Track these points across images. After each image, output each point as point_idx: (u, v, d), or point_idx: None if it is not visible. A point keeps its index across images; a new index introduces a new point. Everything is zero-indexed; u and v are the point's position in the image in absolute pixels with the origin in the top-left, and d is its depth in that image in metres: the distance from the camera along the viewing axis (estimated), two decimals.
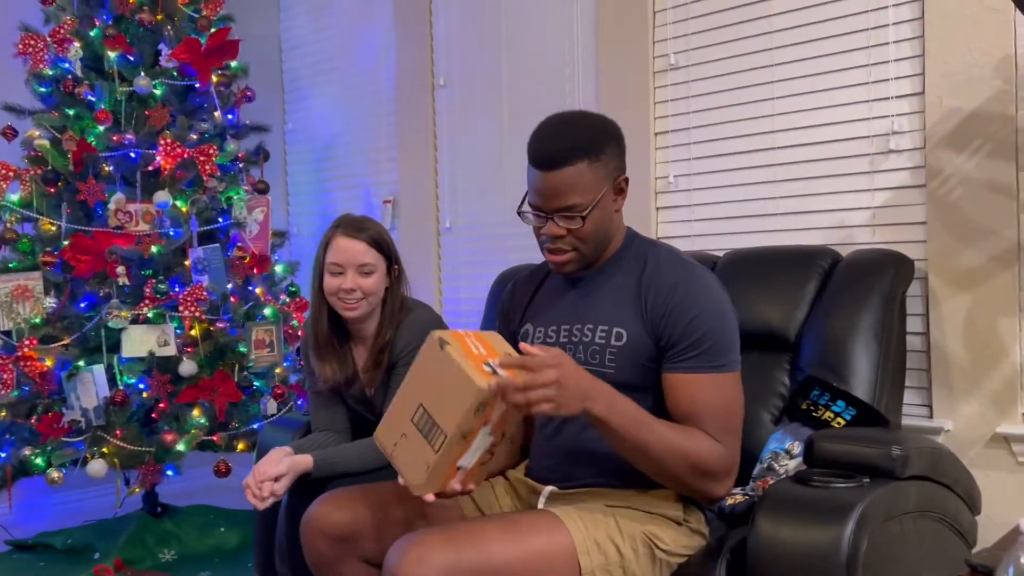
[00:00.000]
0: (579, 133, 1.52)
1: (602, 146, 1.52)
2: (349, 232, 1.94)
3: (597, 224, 1.53)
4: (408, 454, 1.39)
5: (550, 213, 1.52)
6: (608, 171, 1.53)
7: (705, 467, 1.45)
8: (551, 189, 1.50)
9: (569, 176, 1.49)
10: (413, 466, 1.38)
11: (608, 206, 1.55)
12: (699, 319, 1.48)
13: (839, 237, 2.22)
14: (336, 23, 3.68)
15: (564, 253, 1.55)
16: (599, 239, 1.56)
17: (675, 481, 1.48)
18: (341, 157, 3.68)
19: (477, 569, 1.32)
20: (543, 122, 1.57)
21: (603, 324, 1.55)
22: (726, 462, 1.48)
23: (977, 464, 1.94)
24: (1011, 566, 0.85)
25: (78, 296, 2.86)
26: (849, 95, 2.21)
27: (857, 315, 1.90)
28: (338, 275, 1.93)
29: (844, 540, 1.31)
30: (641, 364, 1.52)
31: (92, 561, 2.93)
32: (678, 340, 1.48)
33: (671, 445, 1.43)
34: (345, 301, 1.93)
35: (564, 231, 1.52)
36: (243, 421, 2.96)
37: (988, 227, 1.97)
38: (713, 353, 1.48)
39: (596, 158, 1.50)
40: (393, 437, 1.42)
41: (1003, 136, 1.95)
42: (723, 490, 1.50)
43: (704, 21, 2.48)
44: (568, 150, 1.49)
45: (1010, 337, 1.95)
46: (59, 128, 2.94)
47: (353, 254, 1.92)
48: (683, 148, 2.55)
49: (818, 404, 1.81)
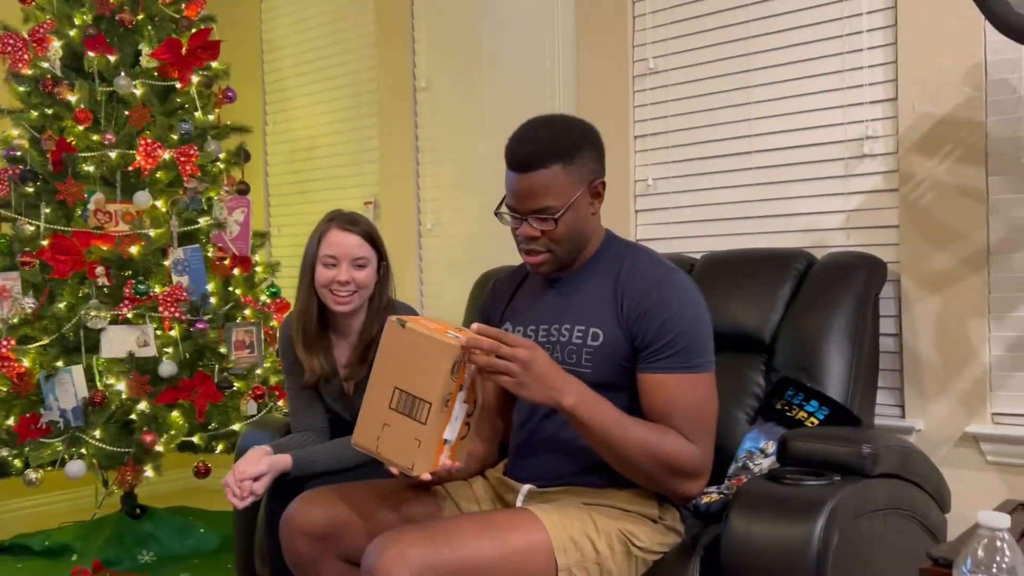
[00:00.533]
0: (555, 137, 1.54)
1: (577, 150, 1.54)
2: (343, 225, 1.96)
3: (571, 226, 1.55)
4: (394, 441, 1.42)
5: (524, 215, 1.55)
6: (583, 175, 1.55)
7: (677, 466, 1.47)
8: (525, 191, 1.53)
9: (543, 178, 1.51)
10: (403, 449, 1.41)
11: (583, 209, 1.57)
12: (673, 320, 1.50)
13: (814, 240, 2.25)
14: (318, 25, 3.68)
15: (539, 254, 1.58)
16: (573, 241, 1.58)
17: (648, 479, 1.50)
18: (322, 159, 3.69)
19: (455, 566, 1.33)
20: (522, 125, 1.59)
21: (580, 324, 1.57)
22: (698, 462, 1.50)
23: (947, 463, 1.98)
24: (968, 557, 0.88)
25: (57, 296, 2.85)
26: (824, 100, 2.25)
27: (831, 317, 1.93)
28: (332, 267, 1.94)
29: (815, 536, 1.34)
30: (618, 364, 1.54)
31: (70, 562, 2.91)
32: (652, 340, 1.51)
33: (643, 443, 1.45)
34: (338, 294, 1.94)
35: (538, 232, 1.55)
36: (223, 422, 2.96)
37: (958, 230, 2.01)
38: (687, 354, 1.50)
39: (571, 161, 1.52)
40: (374, 432, 1.45)
41: (973, 141, 1.99)
42: (695, 489, 1.52)
43: (683, 26, 2.52)
44: (542, 153, 1.51)
45: (979, 339, 1.99)
46: (38, 128, 2.93)
47: (348, 247, 1.94)
48: (662, 151, 2.57)
49: (792, 404, 1.84)
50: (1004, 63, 1.95)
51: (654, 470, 1.47)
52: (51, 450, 2.70)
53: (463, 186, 3.14)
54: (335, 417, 2.09)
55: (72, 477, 2.70)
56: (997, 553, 0.87)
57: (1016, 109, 1.94)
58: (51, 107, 2.94)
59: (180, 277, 2.91)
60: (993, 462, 1.98)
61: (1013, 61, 1.93)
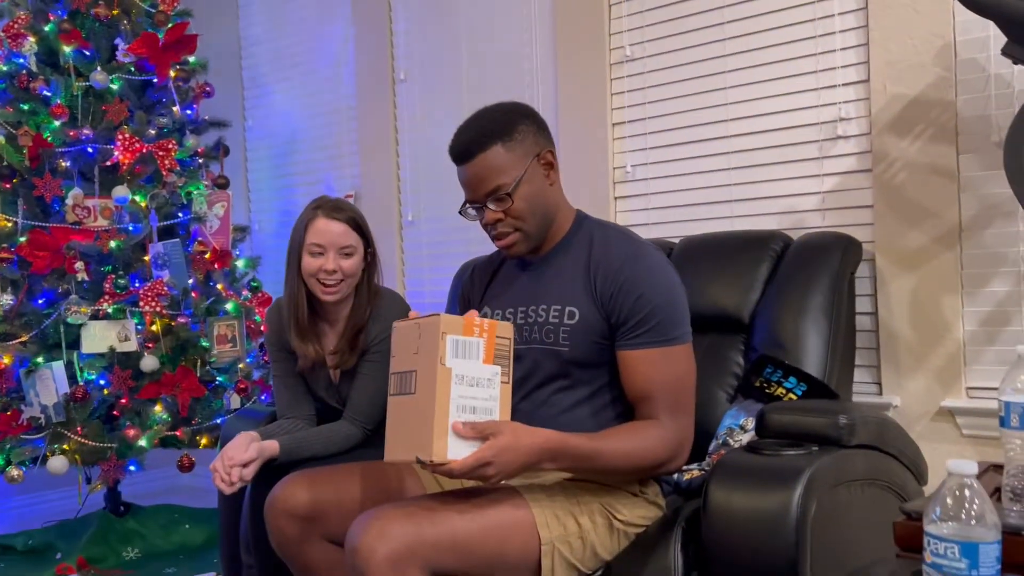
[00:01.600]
0: (486, 121, 1.59)
1: (511, 125, 1.57)
2: (330, 213, 1.95)
3: (529, 200, 1.57)
4: (409, 435, 1.39)
5: (481, 201, 1.58)
6: (526, 148, 1.58)
7: (658, 460, 1.52)
8: (473, 178, 1.57)
9: (486, 161, 1.55)
10: (417, 438, 1.36)
11: (538, 181, 1.59)
12: (647, 295, 1.52)
13: (791, 222, 2.28)
14: (295, 19, 3.68)
15: (508, 235, 1.60)
16: (537, 215, 1.60)
17: (635, 476, 1.57)
18: (302, 152, 3.68)
19: (438, 543, 1.34)
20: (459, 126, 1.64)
21: (556, 304, 1.59)
22: (677, 444, 1.53)
23: (924, 437, 2.01)
24: (938, 505, 0.90)
25: (36, 292, 2.83)
26: (798, 84, 2.27)
27: (807, 295, 1.95)
28: (319, 256, 1.93)
29: (793, 504, 1.35)
30: (594, 341, 1.56)
31: (54, 561, 2.90)
32: (628, 317, 1.52)
33: (626, 455, 1.49)
34: (325, 283, 1.94)
35: (500, 214, 1.58)
36: (206, 416, 2.95)
37: (931, 209, 2.04)
38: (663, 328, 1.52)
39: (509, 137, 1.56)
40: (395, 439, 1.43)
41: (944, 121, 2.02)
42: (675, 466, 1.57)
43: (658, 13, 2.54)
44: (478, 137, 1.56)
45: (953, 315, 2.02)
46: (14, 124, 2.91)
47: (335, 235, 1.93)
48: (640, 138, 2.60)
49: (771, 381, 1.87)
50: (973, 43, 1.98)
51: (639, 470, 1.53)
52: (33, 447, 2.68)
53: (443, 178, 3.14)
54: (323, 404, 2.09)
55: (55, 473, 2.69)
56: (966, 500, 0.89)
57: (985, 88, 1.97)
58: (27, 103, 2.93)
59: (161, 272, 2.91)
60: (968, 435, 2.01)
61: (982, 40, 1.97)
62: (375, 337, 1.99)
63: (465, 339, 1.37)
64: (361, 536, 1.32)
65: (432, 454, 1.32)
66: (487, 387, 1.39)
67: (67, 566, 2.79)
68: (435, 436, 1.32)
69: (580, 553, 1.48)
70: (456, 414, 1.35)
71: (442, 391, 1.34)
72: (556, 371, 1.59)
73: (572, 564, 1.47)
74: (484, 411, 1.38)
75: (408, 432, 1.39)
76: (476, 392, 1.37)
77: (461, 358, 1.36)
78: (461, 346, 1.37)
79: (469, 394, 1.37)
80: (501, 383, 1.40)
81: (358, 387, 2.00)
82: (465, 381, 1.36)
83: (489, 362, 1.39)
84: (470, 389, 1.37)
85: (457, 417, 1.35)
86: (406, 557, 1.30)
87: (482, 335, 1.39)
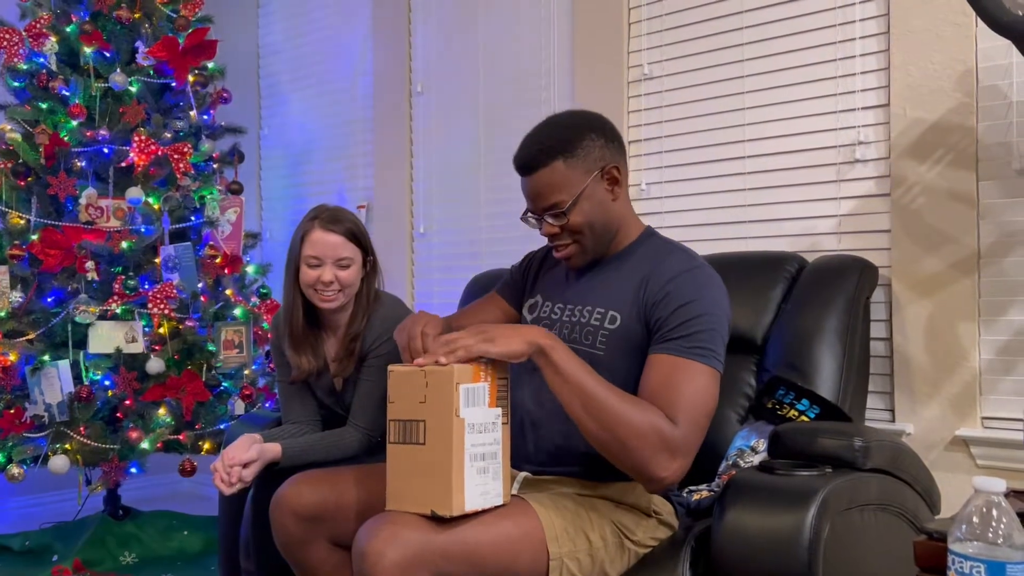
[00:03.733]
0: (551, 134, 1.56)
1: (575, 141, 1.54)
2: (326, 225, 1.94)
3: (588, 216, 1.55)
4: (416, 487, 1.35)
5: (539, 214, 1.57)
6: (588, 164, 1.54)
7: (653, 435, 1.36)
8: (533, 192, 1.56)
9: (545, 177, 1.53)
10: (428, 491, 1.33)
11: (600, 196, 1.56)
12: (691, 306, 1.46)
13: (806, 244, 2.27)
14: (314, 29, 3.70)
15: (565, 248, 1.59)
16: (596, 230, 1.57)
17: (621, 447, 1.37)
18: (316, 163, 3.69)
19: (447, 550, 1.32)
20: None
21: (600, 307, 1.57)
22: (677, 440, 1.37)
23: (937, 466, 1.98)
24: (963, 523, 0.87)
25: (45, 290, 2.83)
26: (817, 106, 2.27)
27: (822, 318, 1.93)
28: (316, 267, 1.93)
29: (807, 525, 1.33)
30: (630, 351, 1.51)
31: (50, 563, 2.87)
32: (666, 322, 1.47)
33: (619, 400, 1.37)
34: (323, 293, 1.93)
35: (557, 228, 1.56)
36: (210, 421, 2.93)
37: (949, 235, 2.03)
38: (699, 340, 1.44)
39: (570, 154, 1.53)
40: (397, 490, 1.38)
41: (964, 146, 2.01)
42: (668, 472, 1.37)
43: (678, 33, 2.54)
44: (540, 152, 1.54)
45: (969, 342, 2.00)
46: (31, 122, 2.92)
47: (331, 247, 1.92)
48: (656, 156, 2.59)
49: (783, 403, 1.84)
50: (995, 69, 1.98)
51: (627, 435, 1.36)
52: (35, 445, 2.67)
53: (457, 190, 3.15)
54: (327, 411, 2.07)
55: (56, 472, 2.67)
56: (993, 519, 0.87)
57: (1007, 115, 1.96)
58: (45, 102, 2.94)
59: (171, 274, 2.90)
60: (983, 466, 1.98)
61: (1004, 67, 1.96)
62: (373, 342, 1.97)
63: (475, 386, 1.34)
64: (370, 540, 1.30)
65: (452, 508, 1.30)
66: (492, 431, 1.36)
67: (63, 568, 2.76)
68: (454, 490, 1.30)
69: (588, 570, 1.45)
70: (470, 463, 1.32)
71: (458, 443, 1.31)
72: None
73: None
74: (491, 456, 1.35)
75: (420, 485, 1.34)
76: (484, 438, 1.35)
77: (472, 406, 1.33)
78: (472, 394, 1.33)
79: (479, 441, 1.34)
80: (502, 425, 1.38)
81: (360, 393, 1.98)
82: (475, 429, 1.34)
83: (492, 405, 1.36)
84: (479, 436, 1.34)
85: (471, 466, 1.32)
86: (415, 564, 1.27)
87: (486, 379, 1.36)
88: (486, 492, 1.34)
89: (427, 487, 1.32)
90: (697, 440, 1.42)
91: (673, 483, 1.41)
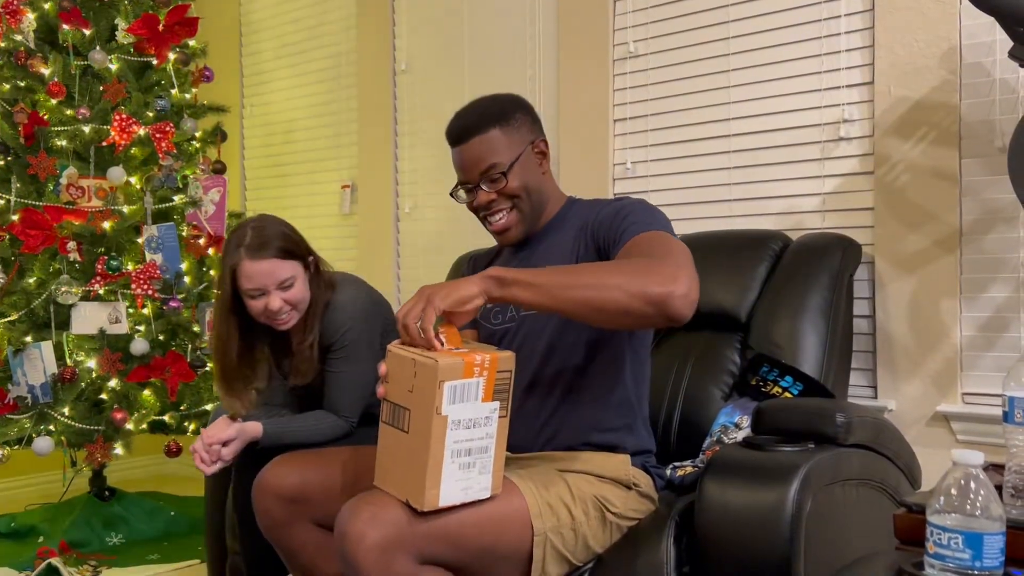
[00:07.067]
0: (485, 105, 1.63)
1: (510, 113, 1.61)
2: (255, 254, 1.80)
3: (523, 180, 1.59)
4: (399, 472, 1.34)
5: (475, 182, 1.59)
6: (522, 134, 1.61)
7: (651, 270, 1.31)
8: (469, 159, 1.59)
9: (483, 142, 1.58)
10: (406, 479, 1.32)
11: (531, 166, 1.61)
12: (627, 206, 1.52)
13: (790, 222, 2.27)
14: (297, 7, 3.66)
15: (502, 217, 1.60)
16: (532, 196, 1.61)
17: (623, 294, 1.29)
18: (300, 141, 3.66)
19: (429, 530, 1.32)
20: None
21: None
22: (673, 267, 1.32)
23: (919, 442, 2.00)
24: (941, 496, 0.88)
25: (27, 271, 2.80)
26: (801, 84, 2.27)
27: (806, 295, 1.95)
28: (260, 297, 1.82)
29: (789, 500, 1.34)
30: None
31: (36, 544, 2.86)
32: (614, 227, 1.50)
33: (597, 265, 1.39)
34: (276, 319, 1.85)
35: (493, 194, 1.59)
36: (195, 402, 2.93)
37: (932, 212, 2.04)
38: (646, 221, 1.48)
39: (506, 123, 1.59)
40: (384, 470, 1.37)
41: (947, 124, 2.01)
42: (680, 287, 1.28)
43: (663, 10, 2.53)
44: (477, 119, 1.60)
45: (951, 319, 2.02)
46: (10, 100, 2.88)
47: (268, 275, 1.81)
48: (641, 135, 2.58)
49: (767, 380, 1.86)
50: (979, 47, 1.98)
51: (623, 279, 1.30)
52: (18, 427, 2.65)
53: (441, 169, 3.13)
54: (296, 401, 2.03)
55: (40, 454, 2.66)
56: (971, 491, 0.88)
57: (990, 92, 1.97)
58: (24, 80, 2.90)
59: (154, 255, 2.88)
60: (963, 441, 2.00)
61: (987, 45, 1.96)
62: (334, 333, 1.90)
63: (464, 382, 1.30)
64: (351, 520, 1.30)
65: (424, 503, 1.29)
66: (484, 425, 1.34)
67: (49, 549, 2.75)
68: (427, 486, 1.29)
69: (572, 545, 1.46)
70: (451, 459, 1.31)
71: (436, 440, 1.29)
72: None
73: (564, 556, 1.45)
74: (479, 450, 1.34)
75: (400, 471, 1.34)
76: (472, 433, 1.33)
77: (459, 403, 1.30)
78: (459, 390, 1.30)
79: (465, 437, 1.32)
80: (499, 418, 1.36)
81: (332, 385, 1.91)
82: (462, 425, 1.31)
83: (488, 399, 1.33)
84: (466, 432, 1.32)
85: (452, 462, 1.31)
86: (396, 544, 1.27)
87: (482, 374, 1.32)
88: (468, 487, 1.33)
89: (407, 475, 1.32)
90: (689, 262, 1.35)
91: (689, 296, 1.30)
